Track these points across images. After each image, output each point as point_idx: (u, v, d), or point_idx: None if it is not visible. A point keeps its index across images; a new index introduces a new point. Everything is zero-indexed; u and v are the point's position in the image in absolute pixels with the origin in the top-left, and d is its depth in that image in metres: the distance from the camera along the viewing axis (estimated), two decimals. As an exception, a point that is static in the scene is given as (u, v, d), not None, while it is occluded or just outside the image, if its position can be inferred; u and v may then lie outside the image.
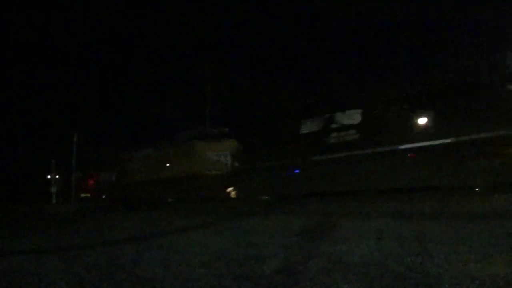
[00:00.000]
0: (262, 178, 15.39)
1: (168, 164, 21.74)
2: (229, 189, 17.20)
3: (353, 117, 13.19)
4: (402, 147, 12.05)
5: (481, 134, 10.81)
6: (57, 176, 26.82)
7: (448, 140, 11.28)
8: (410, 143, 11.97)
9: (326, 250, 4.42)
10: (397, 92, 12.75)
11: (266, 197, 14.98)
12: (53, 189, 24.93)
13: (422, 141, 11.79)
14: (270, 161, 15.42)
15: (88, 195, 31.54)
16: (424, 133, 11.92)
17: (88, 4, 68.30)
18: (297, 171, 14.35)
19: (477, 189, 10.61)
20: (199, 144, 19.91)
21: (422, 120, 12.18)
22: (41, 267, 4.17)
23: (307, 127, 14.45)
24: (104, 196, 29.45)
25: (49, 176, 28.52)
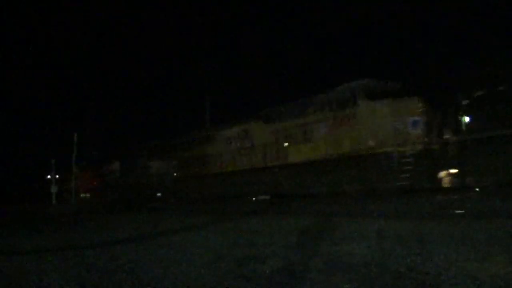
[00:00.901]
0: None
1: (286, 144, 14.89)
2: (442, 173, 11.60)
3: None
4: None
5: None
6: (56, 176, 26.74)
7: None
8: None
9: (326, 250, 4.42)
10: None
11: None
12: (53, 189, 24.91)
13: None
14: None
15: (88, 195, 31.45)
16: None
17: (89, 4, 68.38)
18: None
19: (477, 189, 10.50)
20: (369, 105, 12.62)
21: None
22: (41, 267, 4.17)
23: None
24: (158, 194, 22.07)
25: (49, 176, 28.39)
